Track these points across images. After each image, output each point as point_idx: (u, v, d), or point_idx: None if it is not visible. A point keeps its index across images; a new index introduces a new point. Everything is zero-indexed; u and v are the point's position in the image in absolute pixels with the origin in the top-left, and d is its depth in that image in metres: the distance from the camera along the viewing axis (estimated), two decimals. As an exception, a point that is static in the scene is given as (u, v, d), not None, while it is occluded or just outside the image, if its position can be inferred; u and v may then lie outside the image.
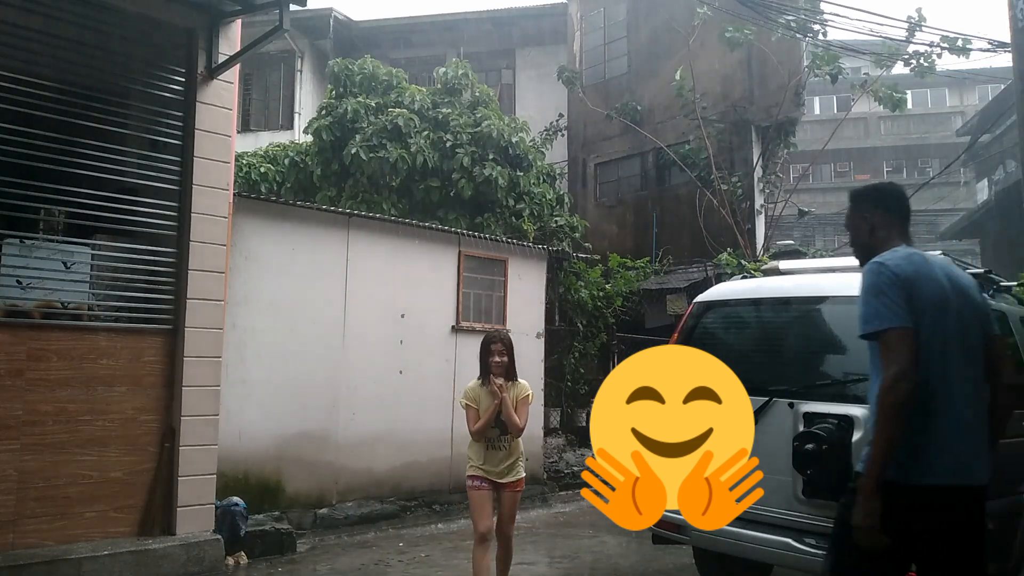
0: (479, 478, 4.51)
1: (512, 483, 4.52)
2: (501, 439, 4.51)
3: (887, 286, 2.49)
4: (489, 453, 4.52)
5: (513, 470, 4.51)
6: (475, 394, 4.59)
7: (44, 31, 5.08)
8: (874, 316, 2.48)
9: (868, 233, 2.78)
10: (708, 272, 10.94)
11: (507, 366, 4.52)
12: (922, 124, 30.25)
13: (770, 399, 3.97)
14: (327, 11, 15.36)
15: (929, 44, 11.13)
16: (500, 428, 4.52)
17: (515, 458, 4.53)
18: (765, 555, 3.95)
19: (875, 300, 2.50)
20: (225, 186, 5.82)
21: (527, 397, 4.55)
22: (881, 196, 2.82)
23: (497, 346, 4.53)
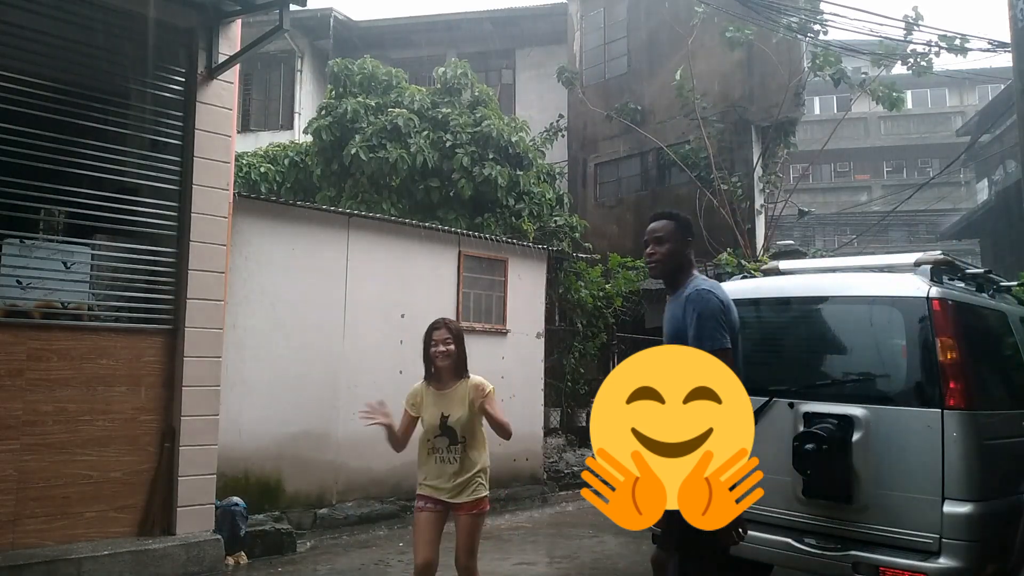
0: (425, 497, 3.76)
1: (468, 504, 3.67)
2: (451, 449, 3.72)
3: (720, 312, 2.98)
4: (437, 466, 3.75)
5: (469, 488, 3.69)
6: (416, 397, 3.86)
7: (44, 31, 5.08)
8: (718, 336, 2.92)
9: (684, 256, 3.21)
10: (708, 272, 10.94)
11: (455, 358, 3.76)
12: (922, 124, 30.23)
13: (770, 399, 3.97)
14: (327, 11, 15.36)
15: (927, 43, 11.13)
16: (449, 435, 3.73)
17: (471, 473, 3.71)
18: (765, 555, 3.95)
19: (714, 322, 2.94)
20: (225, 186, 5.82)
21: (489, 393, 3.80)
22: (692, 228, 3.29)
23: (440, 332, 3.80)
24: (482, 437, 3.81)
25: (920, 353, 3.64)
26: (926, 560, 3.38)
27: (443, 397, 3.77)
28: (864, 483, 3.60)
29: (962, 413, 3.48)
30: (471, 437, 3.75)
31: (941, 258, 4.20)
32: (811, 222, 22.50)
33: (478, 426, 3.78)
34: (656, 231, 3.22)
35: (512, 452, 8.58)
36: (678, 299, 3.13)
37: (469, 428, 3.73)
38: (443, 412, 3.73)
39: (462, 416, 3.71)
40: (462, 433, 3.71)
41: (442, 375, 3.79)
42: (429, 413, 3.78)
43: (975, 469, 3.46)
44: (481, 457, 3.79)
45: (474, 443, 3.76)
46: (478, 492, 3.74)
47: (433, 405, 3.78)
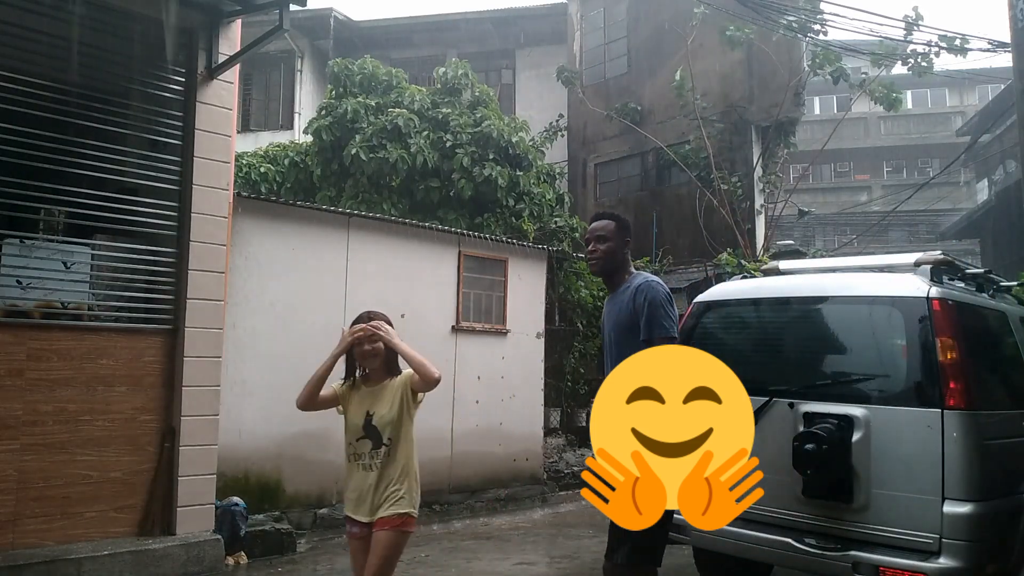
0: (349, 520, 3.24)
1: (386, 519, 3.10)
2: (373, 454, 3.16)
3: (670, 302, 3.17)
4: (358, 477, 3.20)
5: (388, 500, 3.12)
6: (345, 394, 3.35)
7: (44, 31, 5.08)
8: (668, 324, 3.09)
9: (622, 253, 3.37)
10: (708, 272, 10.95)
11: (384, 356, 3.28)
12: (922, 124, 30.24)
13: (770, 399, 3.97)
14: (327, 11, 15.36)
15: (927, 43, 11.14)
16: (372, 437, 3.17)
17: (392, 483, 3.14)
18: (765, 555, 3.95)
19: (664, 310, 3.11)
20: (225, 186, 5.82)
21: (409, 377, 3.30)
22: (625, 224, 3.43)
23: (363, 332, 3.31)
24: (410, 443, 3.25)
25: (920, 353, 3.64)
26: (926, 560, 3.38)
27: (371, 394, 3.26)
28: (864, 483, 3.60)
29: (962, 413, 3.48)
30: (396, 441, 3.19)
31: (941, 258, 4.20)
32: (811, 222, 22.51)
33: (407, 429, 3.24)
34: (598, 230, 3.41)
35: (512, 452, 8.59)
36: (621, 294, 3.29)
37: (396, 430, 3.19)
38: (368, 410, 3.21)
39: (388, 415, 3.19)
40: (388, 435, 3.17)
41: (371, 374, 3.32)
42: (353, 412, 3.26)
43: (975, 469, 3.46)
44: (406, 466, 3.20)
45: (400, 448, 3.20)
46: (400, 506, 3.12)
47: (359, 403, 3.26)
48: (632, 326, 3.17)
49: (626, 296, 3.25)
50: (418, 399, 3.29)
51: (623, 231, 3.41)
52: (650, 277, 3.28)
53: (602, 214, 3.52)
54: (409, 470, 3.21)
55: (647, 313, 3.11)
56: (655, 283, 3.22)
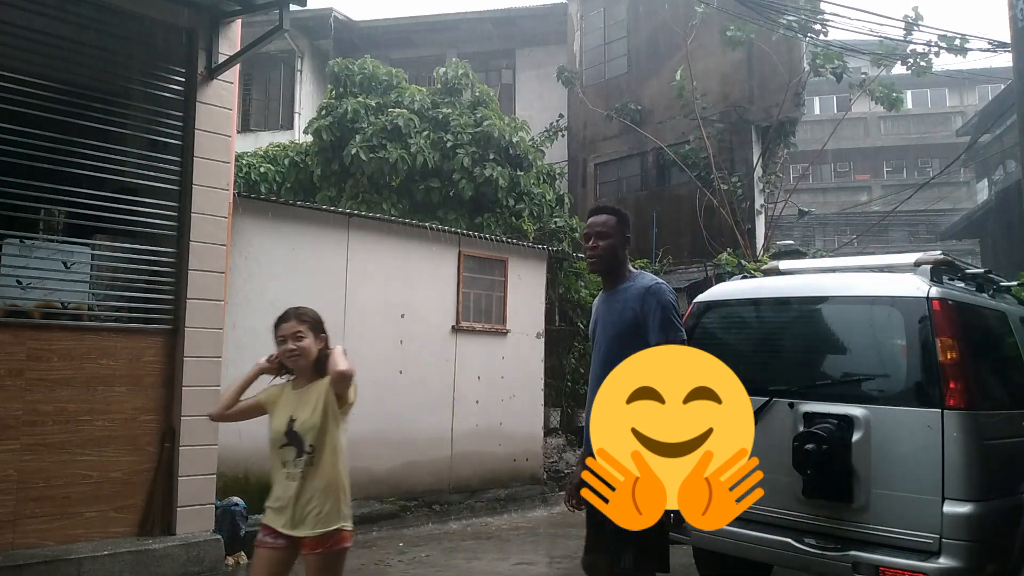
0: (265, 527, 2.97)
1: (315, 539, 2.83)
2: (296, 462, 2.91)
3: (677, 305, 3.08)
4: (282, 485, 2.95)
5: (313, 516, 2.85)
6: (272, 398, 3.10)
7: (44, 31, 5.08)
8: (680, 327, 3.01)
9: (623, 250, 3.24)
10: (708, 272, 10.95)
11: (310, 356, 3.03)
12: (922, 124, 30.26)
13: (770, 399, 3.97)
14: (327, 11, 15.36)
15: (927, 43, 11.14)
16: (295, 444, 2.93)
17: (316, 496, 2.87)
18: (765, 555, 3.95)
19: (675, 313, 3.03)
20: (225, 186, 5.82)
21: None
22: (626, 220, 3.29)
23: (289, 326, 3.07)
24: (338, 450, 2.97)
25: (920, 353, 3.64)
26: (926, 560, 3.38)
27: (296, 397, 3.02)
28: (864, 483, 3.60)
29: (962, 413, 3.48)
30: (320, 448, 2.91)
31: (941, 258, 4.20)
32: (811, 222, 22.52)
33: (333, 435, 2.95)
34: (597, 226, 3.23)
35: (512, 452, 8.59)
36: (622, 293, 3.14)
37: (320, 436, 2.91)
38: (292, 415, 2.97)
39: (310, 420, 2.92)
40: (310, 442, 2.90)
41: (299, 375, 3.07)
42: (277, 417, 3.01)
43: (975, 469, 3.46)
44: (332, 478, 2.91)
45: (324, 457, 2.91)
46: (329, 522, 2.85)
47: (284, 407, 3.02)
48: (636, 328, 3.01)
49: (629, 296, 3.09)
50: (346, 402, 2.98)
51: (624, 226, 3.24)
52: (656, 278, 3.15)
53: (602, 208, 3.31)
54: (336, 482, 2.91)
55: (660, 317, 2.96)
56: (665, 285, 3.09)
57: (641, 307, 3.02)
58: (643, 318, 3.00)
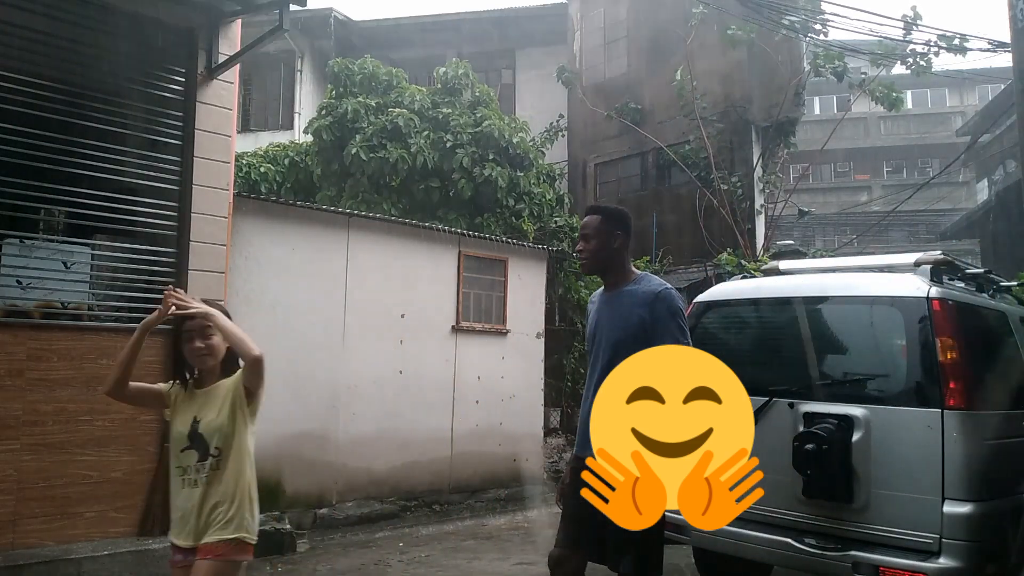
0: (173, 546, 2.77)
1: (210, 546, 2.63)
2: (199, 467, 2.69)
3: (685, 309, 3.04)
4: (184, 494, 2.71)
5: (216, 523, 2.65)
6: (175, 396, 2.85)
7: (44, 31, 5.08)
8: (688, 334, 2.96)
9: (614, 250, 3.11)
10: (708, 272, 10.94)
11: (219, 354, 2.81)
12: (922, 124, 30.25)
13: (770, 399, 3.97)
14: (327, 11, 15.35)
15: (926, 43, 11.14)
16: (198, 447, 2.70)
17: (221, 502, 2.67)
18: (765, 555, 3.95)
19: (684, 320, 2.99)
20: (225, 186, 5.82)
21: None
22: (628, 222, 3.17)
23: (197, 322, 2.76)
24: (245, 454, 2.75)
25: (920, 353, 3.64)
26: (926, 560, 3.38)
27: (201, 397, 2.79)
28: (864, 483, 3.60)
29: (962, 413, 3.48)
30: (226, 452, 2.70)
31: (941, 258, 4.20)
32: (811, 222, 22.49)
33: (241, 437, 2.75)
34: (584, 227, 3.15)
35: (512, 452, 8.59)
36: (627, 296, 3.04)
37: (226, 439, 2.71)
38: (196, 416, 2.74)
39: (216, 420, 2.72)
40: (216, 444, 2.70)
41: (203, 376, 2.82)
42: (179, 419, 2.77)
43: (975, 469, 3.46)
44: (238, 484, 2.70)
45: (230, 461, 2.71)
46: (226, 530, 2.64)
47: (187, 408, 2.78)
48: (643, 334, 2.91)
49: (636, 299, 3.00)
50: (254, 401, 2.80)
51: (612, 224, 3.11)
52: (664, 282, 3.06)
53: (591, 208, 3.23)
54: (242, 488, 2.70)
55: (671, 325, 2.90)
56: (674, 291, 3.01)
57: (650, 313, 2.94)
58: (651, 324, 2.92)
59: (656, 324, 2.92)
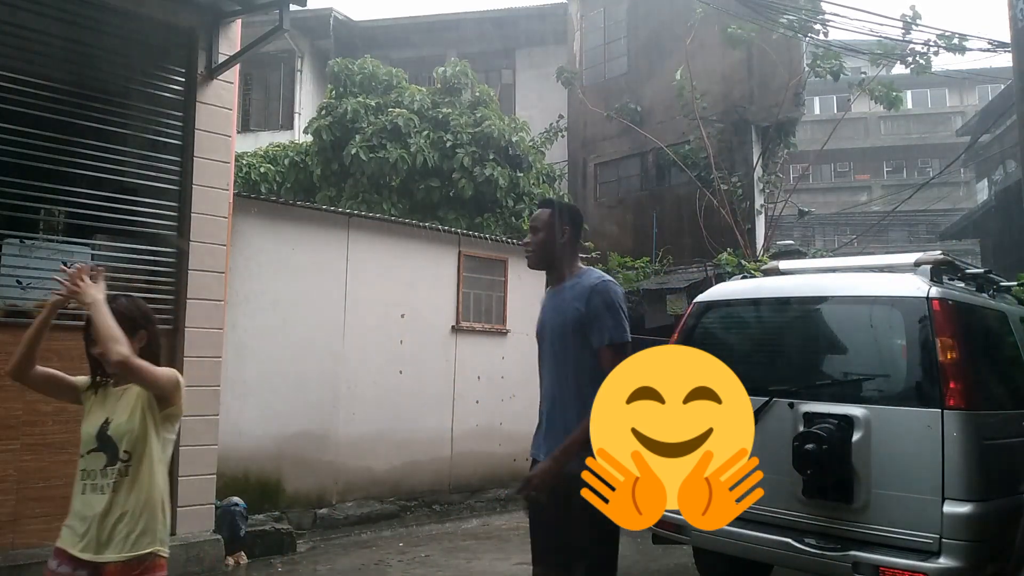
0: (58, 552, 2.51)
1: (120, 565, 2.42)
2: (106, 472, 2.52)
3: (624, 303, 2.88)
4: (83, 499, 2.54)
5: (121, 537, 2.45)
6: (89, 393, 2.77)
7: (44, 31, 5.08)
8: (624, 327, 2.83)
9: (562, 244, 3.01)
10: (708, 272, 10.94)
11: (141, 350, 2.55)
12: (922, 124, 30.24)
13: (770, 399, 3.97)
14: (327, 11, 15.36)
15: (926, 43, 11.13)
16: (106, 450, 2.55)
17: (128, 514, 2.48)
18: (765, 555, 3.94)
19: (622, 313, 2.85)
20: (225, 186, 5.82)
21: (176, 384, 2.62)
22: (578, 218, 3.11)
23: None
24: (157, 462, 2.59)
25: (920, 353, 3.64)
26: (926, 560, 3.38)
27: (115, 397, 2.63)
28: (864, 483, 3.60)
29: (962, 413, 3.47)
30: (138, 457, 2.54)
31: (941, 258, 4.20)
32: (811, 222, 22.50)
33: (154, 443, 2.58)
34: (533, 220, 3.06)
35: (512, 452, 8.59)
36: (568, 291, 2.95)
37: (137, 442, 2.54)
38: (108, 416, 2.59)
39: (127, 423, 2.55)
40: (125, 448, 2.52)
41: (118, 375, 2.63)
42: (89, 419, 2.63)
43: (975, 469, 3.46)
44: (150, 494, 2.53)
45: (142, 468, 2.53)
46: (140, 545, 2.45)
47: (99, 408, 2.64)
48: (578, 329, 2.84)
49: (574, 294, 2.90)
50: (169, 408, 2.59)
51: (561, 219, 3.01)
52: (604, 275, 2.94)
53: (542, 201, 3.18)
54: (153, 499, 2.53)
55: (604, 317, 2.79)
56: (612, 284, 2.89)
57: (585, 306, 2.83)
58: (587, 319, 2.82)
59: (590, 317, 2.81)
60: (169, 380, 2.55)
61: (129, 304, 2.73)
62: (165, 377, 2.54)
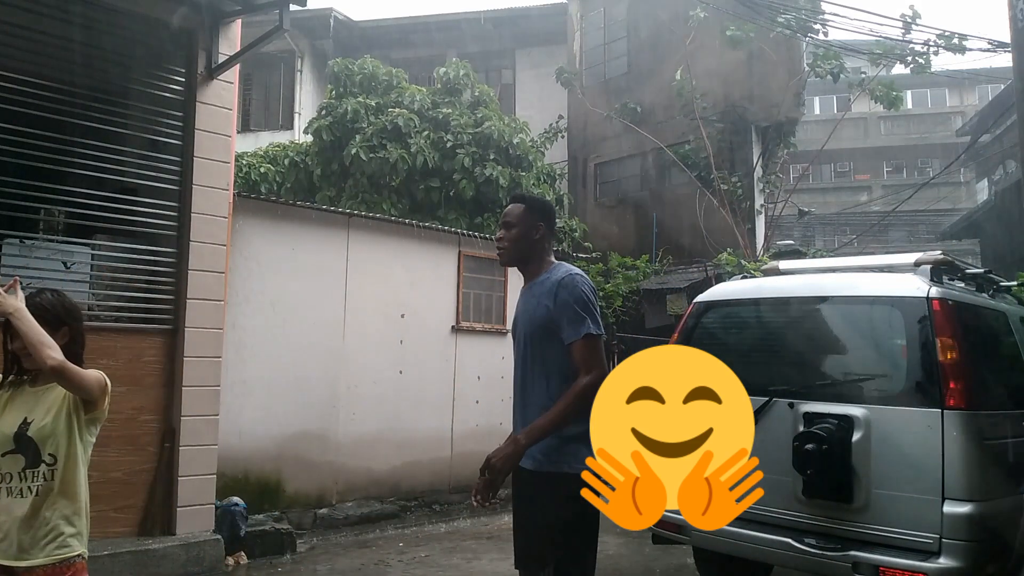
0: None
1: (49, 568, 2.37)
2: (25, 475, 2.41)
3: (594, 297, 2.83)
4: (2, 505, 2.41)
5: (47, 541, 2.38)
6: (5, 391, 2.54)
7: (44, 31, 5.08)
8: (592, 322, 2.75)
9: (535, 241, 2.97)
10: (708, 272, 10.93)
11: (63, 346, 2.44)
12: (922, 124, 30.23)
13: (770, 399, 3.97)
14: (327, 11, 15.36)
15: (926, 43, 11.14)
16: (26, 452, 2.42)
17: (52, 517, 2.40)
18: (765, 555, 3.95)
19: (591, 306, 2.78)
20: (225, 186, 5.82)
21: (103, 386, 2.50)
22: (550, 213, 3.05)
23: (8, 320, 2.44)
24: (80, 464, 2.48)
25: (920, 353, 3.64)
26: (926, 560, 3.38)
27: (33, 396, 2.49)
28: (864, 483, 3.60)
29: (962, 413, 3.48)
30: (63, 461, 2.43)
31: (941, 258, 4.20)
32: (811, 222, 22.49)
33: (77, 445, 2.47)
34: (506, 215, 3.00)
35: (512, 452, 8.59)
36: (538, 287, 2.90)
37: (61, 446, 2.43)
38: (27, 416, 2.44)
39: (49, 425, 2.43)
40: (49, 451, 2.42)
41: (38, 373, 2.51)
42: (6, 419, 2.45)
43: (975, 469, 3.46)
44: (73, 494, 2.45)
45: (66, 470, 2.44)
46: (62, 549, 2.38)
47: (18, 407, 2.47)
48: (548, 325, 2.80)
49: (543, 290, 2.84)
50: (95, 411, 2.50)
51: (533, 215, 2.96)
52: (572, 269, 2.87)
53: (513, 197, 3.12)
54: (76, 502, 2.45)
55: (569, 311, 2.73)
56: (578, 276, 2.82)
57: (554, 302, 2.78)
58: (555, 314, 2.77)
59: (558, 313, 2.76)
60: (98, 383, 2.47)
61: (54, 299, 2.64)
62: (95, 380, 2.46)
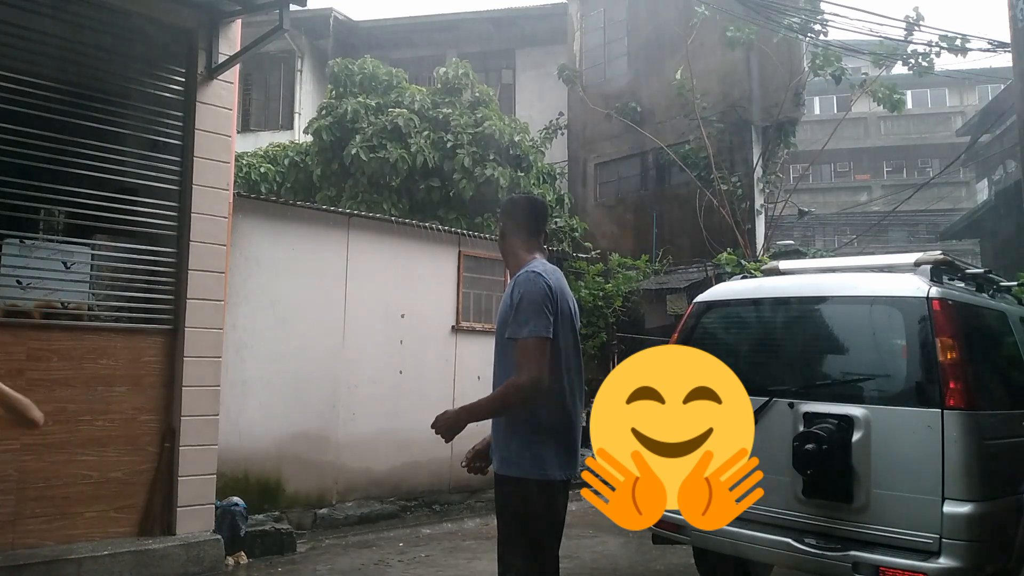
0: None
1: None
2: None
3: (546, 297, 2.71)
4: None
5: None
6: None
7: (45, 31, 5.08)
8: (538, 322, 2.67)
9: (512, 241, 3.00)
10: (708, 272, 10.94)
11: None
12: (922, 124, 30.26)
13: (770, 399, 3.97)
14: (327, 11, 15.37)
15: (927, 43, 11.14)
16: None
17: None
18: (765, 555, 3.95)
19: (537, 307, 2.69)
20: (225, 186, 5.82)
21: None
22: (514, 212, 3.06)
23: None
24: None
25: (920, 353, 3.64)
26: (926, 560, 3.38)
27: None
28: (864, 483, 3.60)
29: (962, 413, 3.47)
30: None
31: (941, 258, 4.19)
32: (811, 222, 22.50)
33: None
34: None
35: (512, 452, 8.59)
36: (510, 286, 2.90)
37: None
38: None
39: None
40: None
41: None
42: None
43: (975, 469, 3.46)
44: None
45: None
46: None
47: None
48: (507, 322, 2.78)
49: (509, 289, 2.84)
50: None
51: (503, 216, 3.09)
52: (537, 267, 2.81)
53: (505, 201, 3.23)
54: None
55: (516, 308, 2.70)
56: (534, 275, 2.75)
57: (510, 299, 2.77)
58: (510, 312, 2.75)
59: (511, 310, 2.74)
60: None
61: None
62: None
